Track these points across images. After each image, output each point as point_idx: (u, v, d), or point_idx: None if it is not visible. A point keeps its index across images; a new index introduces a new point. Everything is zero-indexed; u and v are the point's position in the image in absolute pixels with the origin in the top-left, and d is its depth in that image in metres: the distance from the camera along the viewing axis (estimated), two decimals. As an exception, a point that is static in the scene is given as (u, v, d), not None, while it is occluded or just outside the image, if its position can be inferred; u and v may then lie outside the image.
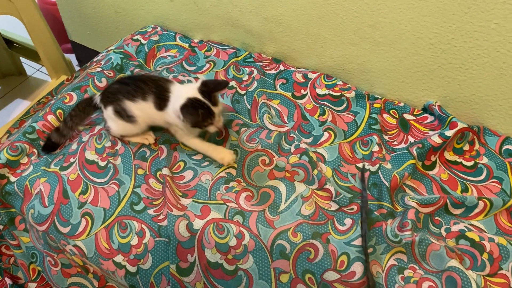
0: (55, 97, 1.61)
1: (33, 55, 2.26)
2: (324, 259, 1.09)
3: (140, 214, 1.19)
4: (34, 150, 1.38)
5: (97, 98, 1.34)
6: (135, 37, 1.82)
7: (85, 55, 2.45)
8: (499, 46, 1.23)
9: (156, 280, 1.11)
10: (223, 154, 1.28)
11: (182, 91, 1.21)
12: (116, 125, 1.32)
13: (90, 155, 1.33)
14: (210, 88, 1.19)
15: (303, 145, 1.34)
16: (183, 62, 1.69)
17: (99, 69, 1.65)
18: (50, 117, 1.45)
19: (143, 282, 1.12)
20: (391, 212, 1.19)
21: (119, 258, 1.14)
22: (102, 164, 1.31)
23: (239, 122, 1.44)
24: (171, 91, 1.24)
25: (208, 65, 1.66)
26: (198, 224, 1.16)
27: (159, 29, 1.87)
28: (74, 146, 1.37)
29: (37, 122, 1.43)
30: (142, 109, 1.25)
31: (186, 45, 1.79)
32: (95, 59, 1.75)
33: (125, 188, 1.25)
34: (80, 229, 1.18)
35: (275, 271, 1.09)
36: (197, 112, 1.15)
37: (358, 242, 1.11)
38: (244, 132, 1.40)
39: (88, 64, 1.76)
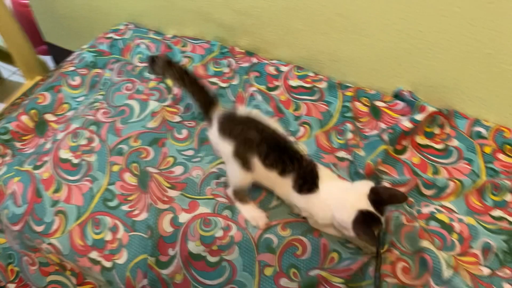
0: (29, 98, 1.61)
1: (8, 58, 2.24)
2: (312, 257, 1.10)
3: (113, 210, 1.20)
4: (8, 150, 1.38)
5: (219, 116, 1.20)
6: (108, 35, 1.81)
7: (62, 55, 2.43)
8: (463, 29, 1.25)
9: (132, 274, 1.11)
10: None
11: (345, 193, 1.03)
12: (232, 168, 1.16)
13: (64, 153, 1.33)
14: (384, 200, 0.99)
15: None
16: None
17: (72, 68, 1.65)
18: (24, 118, 1.45)
19: (119, 276, 1.12)
20: None
21: (94, 254, 1.14)
22: (75, 161, 1.31)
23: None
24: (319, 177, 1.08)
25: (186, 60, 1.66)
26: (184, 217, 1.17)
27: (132, 26, 1.87)
28: (48, 145, 1.37)
29: (10, 123, 1.43)
30: (270, 177, 1.11)
31: (159, 38, 1.79)
32: (68, 59, 1.75)
33: (98, 184, 1.25)
34: (54, 227, 1.18)
35: (260, 264, 1.10)
36: (371, 231, 0.95)
37: (352, 245, 1.13)
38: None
39: (62, 64, 1.75)
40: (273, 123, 1.19)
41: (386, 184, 1.22)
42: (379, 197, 0.98)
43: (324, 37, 1.50)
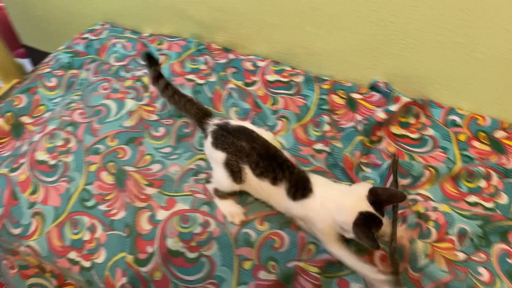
0: (4, 101, 1.59)
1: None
2: (290, 250, 1.11)
3: (91, 210, 1.20)
4: (-15, 154, 1.36)
5: (212, 128, 1.20)
6: (84, 36, 1.80)
7: (41, 58, 2.41)
8: (434, 19, 1.27)
9: (111, 273, 1.11)
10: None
11: (344, 195, 1.03)
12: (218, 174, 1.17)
13: (41, 155, 1.32)
14: (383, 200, 0.98)
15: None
16: (137, 57, 1.68)
17: (48, 69, 1.64)
18: (0, 120, 1.44)
19: (99, 276, 1.12)
20: None
21: (72, 255, 1.14)
22: (52, 162, 1.30)
23: None
24: (312, 182, 1.08)
25: (162, 58, 1.66)
26: (162, 215, 1.18)
27: (108, 25, 1.86)
28: (24, 147, 1.36)
29: (-14, 126, 1.42)
30: (263, 188, 1.11)
31: (136, 37, 1.78)
32: (44, 61, 1.74)
33: (75, 184, 1.25)
34: (32, 229, 1.18)
35: (239, 258, 1.11)
36: (371, 233, 0.94)
37: None
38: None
39: (38, 66, 1.74)
40: (265, 133, 1.21)
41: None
42: (378, 198, 0.98)
43: (299, 31, 1.51)
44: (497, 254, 1.11)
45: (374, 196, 0.98)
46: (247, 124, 1.22)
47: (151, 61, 1.33)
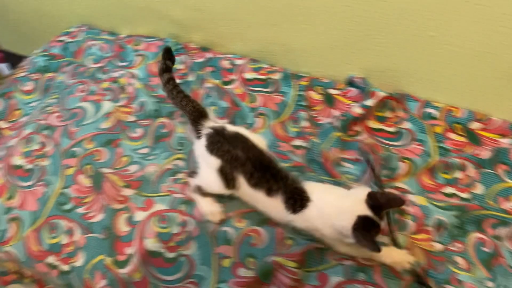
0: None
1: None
2: (269, 245, 1.12)
3: (68, 213, 1.19)
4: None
5: (208, 131, 1.18)
6: (60, 38, 1.79)
7: (19, 62, 2.39)
8: (406, 13, 1.28)
9: (91, 276, 1.11)
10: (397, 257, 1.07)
11: (342, 200, 1.02)
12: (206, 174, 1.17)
13: (17, 160, 1.31)
14: (382, 204, 0.97)
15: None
16: (114, 59, 1.67)
17: (23, 73, 1.63)
18: (-24, 125, 1.43)
19: (78, 279, 1.11)
20: (337, 183, 1.23)
21: (51, 259, 1.14)
22: (28, 166, 1.29)
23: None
24: (307, 190, 1.06)
25: (139, 58, 1.65)
26: (140, 216, 1.18)
27: (84, 28, 1.85)
28: (0, 153, 1.34)
29: (-39, 132, 1.40)
30: (258, 199, 1.10)
31: (113, 38, 1.77)
32: (21, 64, 1.72)
33: (52, 188, 1.24)
34: (9, 234, 1.17)
35: (218, 256, 1.11)
36: (371, 237, 0.95)
37: None
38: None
39: (14, 70, 1.72)
40: (260, 141, 1.19)
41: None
42: (377, 202, 0.97)
43: (275, 29, 1.51)
44: (473, 243, 1.13)
45: (373, 201, 0.97)
46: (242, 130, 1.19)
47: (168, 55, 1.29)
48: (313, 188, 1.07)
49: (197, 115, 1.22)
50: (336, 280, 1.05)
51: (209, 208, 1.17)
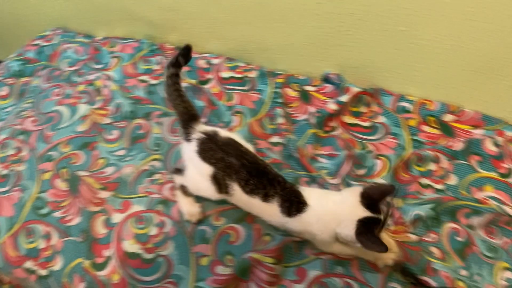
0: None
1: None
2: (246, 242, 1.13)
3: (45, 218, 1.19)
4: None
5: (199, 136, 1.13)
6: (35, 42, 1.78)
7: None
8: (377, 8, 1.29)
9: (69, 279, 1.11)
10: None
11: (339, 206, 1.01)
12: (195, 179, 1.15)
13: (-8, 166, 1.30)
14: (376, 199, 0.98)
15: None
16: (90, 61, 1.66)
17: (-2, 78, 1.61)
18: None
19: (56, 283, 1.11)
20: (313, 178, 1.25)
21: (28, 264, 1.13)
22: (4, 172, 1.29)
23: (159, 113, 1.45)
24: (305, 196, 1.05)
25: (114, 60, 1.65)
26: (117, 218, 1.18)
27: (59, 31, 1.83)
28: (-24, 160, 1.33)
29: None
30: (254, 205, 1.08)
31: (88, 41, 1.76)
32: (-5, 69, 1.70)
33: (29, 193, 1.23)
34: (-15, 241, 1.16)
35: (196, 255, 1.12)
36: (376, 237, 0.94)
37: None
38: (165, 122, 1.41)
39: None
40: (247, 144, 1.18)
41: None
42: (370, 199, 0.98)
43: (249, 27, 1.52)
44: (447, 233, 1.15)
45: (367, 199, 0.98)
46: (234, 136, 1.17)
47: (184, 52, 1.20)
48: (309, 193, 1.06)
49: (188, 118, 1.17)
50: (314, 274, 1.07)
51: (188, 208, 1.17)
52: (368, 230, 0.95)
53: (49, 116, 1.43)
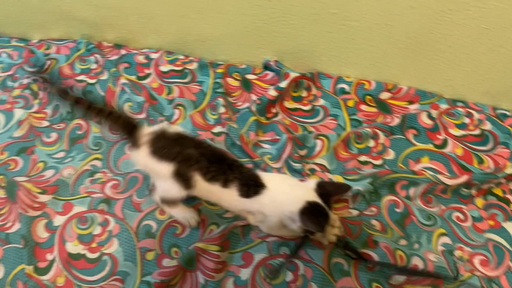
0: None
1: None
2: (192, 233, 1.14)
3: (-18, 227, 1.15)
4: None
5: (148, 138, 1.07)
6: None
7: None
8: (305, -7, 1.32)
9: (12, 287, 1.08)
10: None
11: (294, 188, 1.04)
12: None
13: None
14: (330, 192, 1.02)
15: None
16: (24, 65, 1.61)
17: None
18: None
19: (-1, 292, 1.09)
20: (255, 164, 1.27)
21: (-32, 277, 1.10)
22: None
23: None
24: (262, 179, 1.05)
25: (49, 62, 1.61)
26: (59, 220, 1.16)
27: (-10, 36, 1.77)
28: None
29: None
30: (213, 192, 1.06)
31: (23, 44, 1.71)
32: None
33: (-37, 204, 1.19)
34: None
35: (141, 251, 1.11)
36: (318, 221, 0.97)
37: (229, 214, 1.17)
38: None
39: None
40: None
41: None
42: (325, 190, 1.01)
43: (185, 19, 1.51)
44: (386, 206, 1.19)
45: (321, 189, 1.01)
46: (180, 129, 1.13)
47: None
48: (269, 177, 1.07)
49: (131, 127, 1.11)
50: (260, 257, 1.09)
51: (183, 215, 1.15)
52: (312, 212, 0.97)
53: (-16, 123, 1.39)
